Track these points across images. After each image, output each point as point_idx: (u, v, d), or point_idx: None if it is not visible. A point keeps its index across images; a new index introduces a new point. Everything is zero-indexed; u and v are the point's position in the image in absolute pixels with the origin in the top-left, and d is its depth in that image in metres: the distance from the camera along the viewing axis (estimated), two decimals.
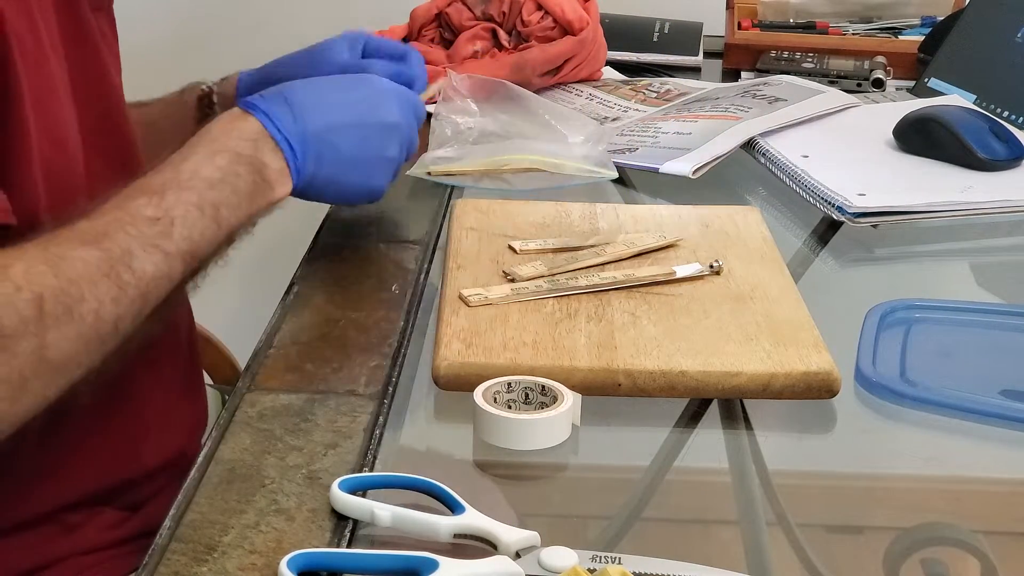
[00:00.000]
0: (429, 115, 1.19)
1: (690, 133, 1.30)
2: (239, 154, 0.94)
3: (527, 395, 0.84)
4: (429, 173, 1.21)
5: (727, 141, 1.27)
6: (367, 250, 1.09)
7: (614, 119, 1.40)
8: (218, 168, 0.92)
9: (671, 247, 1.04)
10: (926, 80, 1.49)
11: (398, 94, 1.04)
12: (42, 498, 0.98)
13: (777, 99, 1.38)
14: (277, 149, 0.96)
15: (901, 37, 1.65)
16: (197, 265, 0.91)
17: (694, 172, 1.22)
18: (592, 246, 1.03)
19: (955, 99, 1.41)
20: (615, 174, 1.23)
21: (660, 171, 1.23)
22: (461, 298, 0.94)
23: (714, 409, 0.90)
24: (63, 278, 0.82)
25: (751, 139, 1.29)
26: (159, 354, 1.04)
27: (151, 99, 1.22)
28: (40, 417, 0.84)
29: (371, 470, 0.79)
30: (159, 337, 1.00)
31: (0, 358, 0.78)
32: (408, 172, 1.21)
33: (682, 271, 0.99)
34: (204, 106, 1.18)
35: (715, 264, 1.01)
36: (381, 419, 0.84)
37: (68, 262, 0.83)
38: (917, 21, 1.68)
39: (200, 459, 0.79)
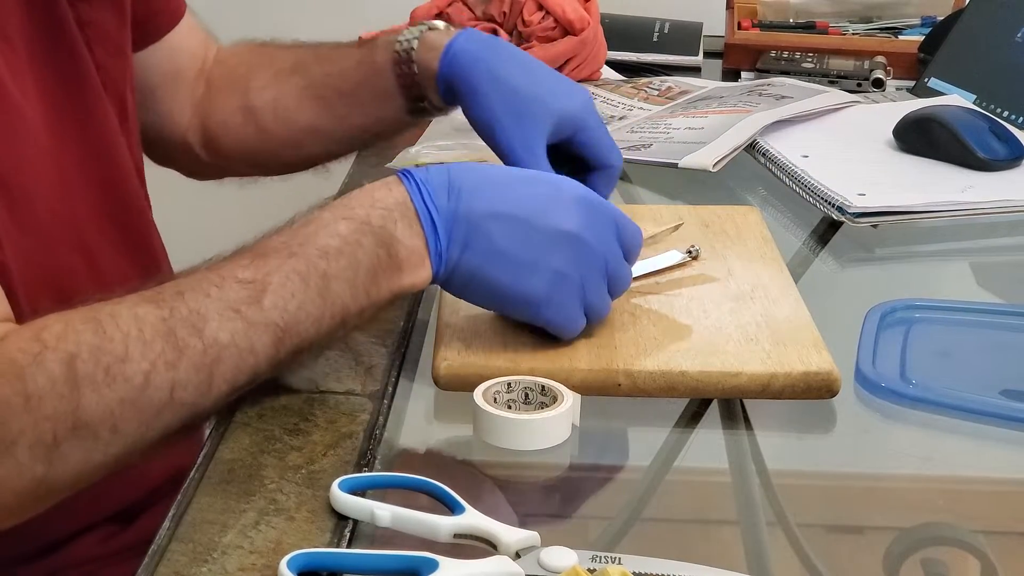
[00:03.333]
0: None
1: (703, 128, 1.30)
2: (367, 223, 0.80)
3: (527, 395, 0.84)
4: (417, 165, 1.21)
5: (743, 131, 1.27)
6: None
7: (620, 118, 1.40)
8: (338, 235, 0.79)
9: (660, 242, 1.05)
10: (926, 80, 1.49)
11: (588, 204, 0.86)
12: (37, 535, 0.97)
13: (783, 96, 1.38)
14: (416, 224, 0.81)
15: (901, 37, 1.65)
16: (293, 343, 0.78)
17: (714, 165, 1.22)
18: None
19: (955, 99, 1.41)
20: None
21: (680, 166, 1.23)
22: None
23: (714, 409, 0.90)
24: (104, 336, 0.74)
25: (751, 139, 1.29)
26: None
27: (324, 48, 1.12)
28: None
29: (371, 470, 0.79)
30: None
31: (27, 420, 0.72)
32: (389, 165, 1.21)
33: (661, 261, 0.99)
34: (402, 74, 1.05)
35: (692, 249, 1.01)
36: (381, 419, 0.84)
37: (117, 320, 0.75)
38: (917, 21, 1.68)
39: (200, 459, 0.79)
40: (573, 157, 1.01)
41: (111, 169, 0.97)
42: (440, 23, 1.09)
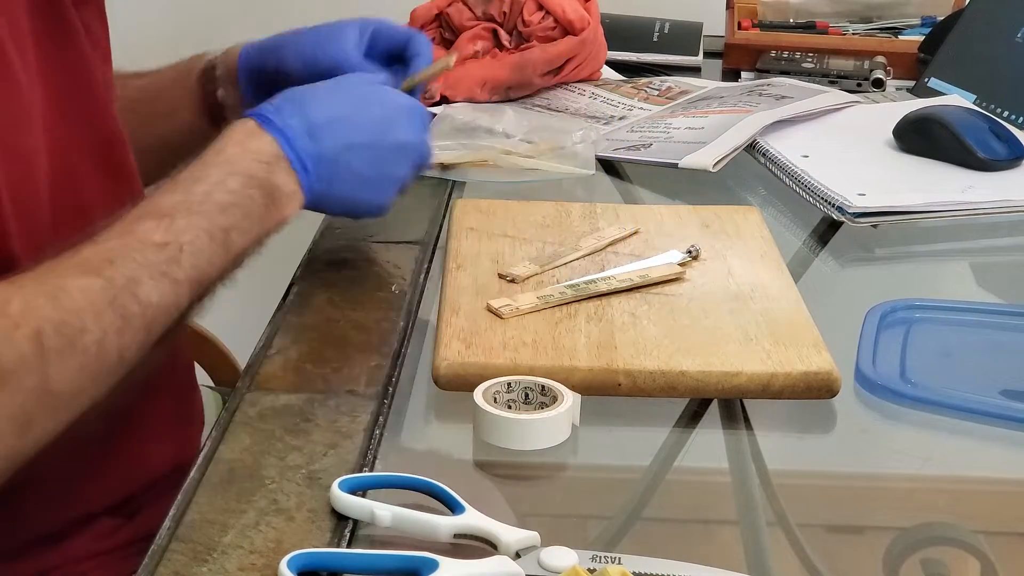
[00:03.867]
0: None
1: (703, 128, 1.30)
2: (252, 176, 0.92)
3: (527, 395, 0.84)
4: None
5: (743, 131, 1.27)
6: (367, 250, 1.09)
7: (620, 117, 1.40)
8: (230, 192, 0.90)
9: (634, 236, 1.05)
10: (926, 80, 1.49)
11: (411, 111, 1.03)
12: (34, 523, 0.97)
13: (783, 96, 1.38)
14: (291, 170, 0.94)
15: (901, 37, 1.65)
16: (204, 291, 0.89)
17: (714, 165, 1.22)
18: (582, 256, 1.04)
19: (955, 99, 1.41)
20: (591, 171, 1.26)
21: (680, 166, 1.23)
22: (491, 310, 0.93)
23: (714, 409, 0.90)
24: (63, 310, 0.80)
25: (751, 139, 1.29)
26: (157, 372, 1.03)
27: (163, 67, 1.20)
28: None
29: (371, 470, 0.79)
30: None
31: (2, 396, 0.77)
32: None
33: (660, 260, 1.00)
34: (207, 80, 1.15)
35: (692, 249, 1.01)
36: (381, 419, 0.84)
37: (69, 293, 0.81)
38: (917, 21, 1.68)
39: (200, 459, 0.79)
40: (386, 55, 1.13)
41: (113, 166, 0.99)
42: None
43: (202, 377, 1.45)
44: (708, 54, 1.65)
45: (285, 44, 1.13)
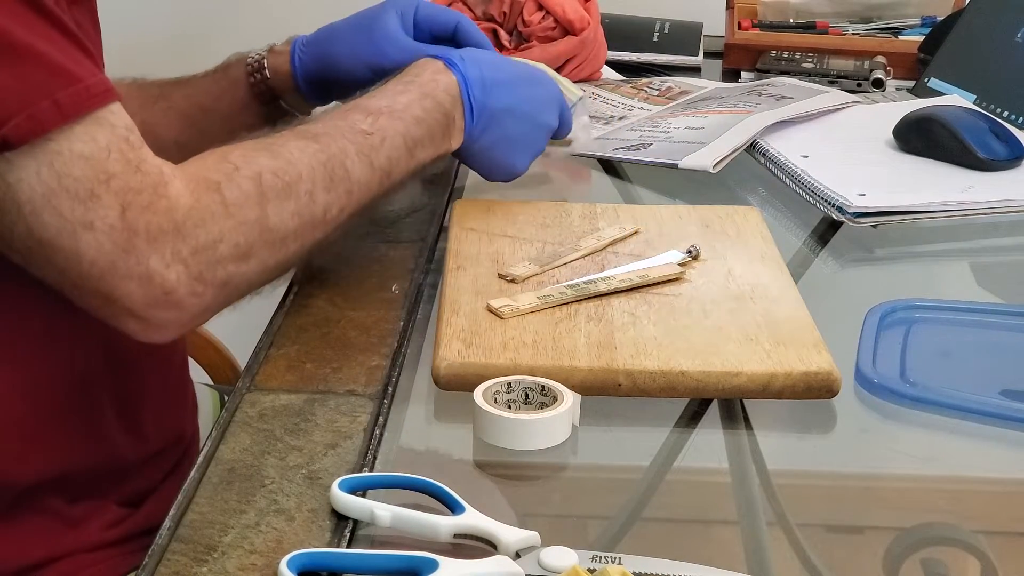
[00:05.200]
0: None
1: (703, 128, 1.30)
2: (441, 104, 1.05)
3: (527, 395, 0.84)
4: None
5: (743, 132, 1.27)
6: (367, 250, 1.09)
7: (620, 117, 1.40)
8: (424, 109, 1.03)
9: (634, 236, 1.05)
10: (926, 80, 1.49)
11: (559, 101, 1.17)
12: (41, 470, 0.98)
13: (783, 96, 1.38)
14: (462, 110, 1.07)
15: (901, 37, 1.65)
16: (388, 186, 1.00)
17: (714, 166, 1.22)
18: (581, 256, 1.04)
19: (955, 99, 1.41)
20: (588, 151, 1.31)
21: (680, 166, 1.23)
22: (491, 310, 0.93)
23: (714, 409, 0.90)
24: (281, 159, 0.91)
25: (751, 139, 1.29)
26: None
27: (187, 76, 1.22)
28: (43, 384, 0.92)
29: (371, 470, 0.79)
30: None
31: (228, 224, 0.87)
32: None
33: (660, 260, 1.00)
34: (256, 82, 1.20)
35: (692, 249, 1.01)
36: (381, 419, 0.84)
37: (287, 147, 0.93)
38: (917, 21, 1.68)
39: (200, 459, 0.79)
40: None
41: None
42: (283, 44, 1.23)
43: (202, 376, 1.45)
44: (708, 54, 1.65)
45: (333, 44, 1.19)
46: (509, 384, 0.84)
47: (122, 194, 0.84)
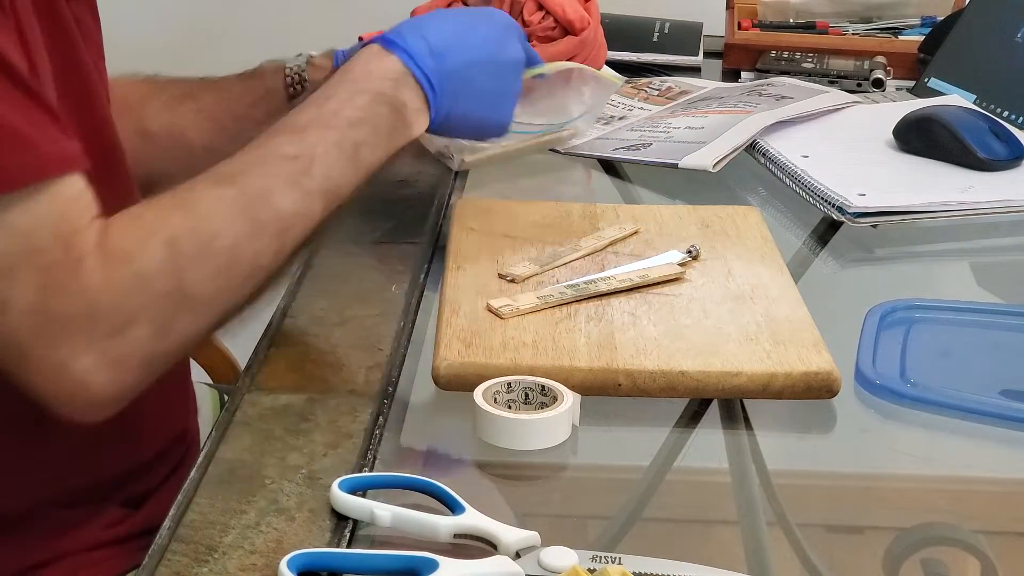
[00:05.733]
0: None
1: (702, 127, 1.30)
2: (381, 93, 0.95)
3: (527, 395, 0.84)
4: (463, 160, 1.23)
5: (743, 132, 1.27)
6: (367, 250, 1.09)
7: (620, 118, 1.40)
8: (359, 108, 0.93)
9: (634, 236, 1.05)
10: (926, 80, 1.49)
11: (516, 28, 1.06)
12: (38, 490, 0.98)
13: (783, 96, 1.38)
14: (417, 87, 0.96)
15: (901, 37, 1.65)
16: (336, 203, 0.92)
17: (714, 165, 1.22)
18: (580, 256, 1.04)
19: (955, 99, 1.41)
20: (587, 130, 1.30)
21: (679, 166, 1.23)
22: (492, 310, 0.93)
23: (714, 409, 0.90)
24: (196, 216, 0.84)
25: (751, 139, 1.29)
26: None
27: (214, 78, 1.19)
28: (32, 407, 0.83)
29: (371, 470, 0.79)
30: None
31: (142, 301, 0.81)
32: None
33: (660, 260, 1.00)
34: (295, 94, 1.15)
35: (692, 249, 1.01)
36: (381, 419, 0.84)
37: (201, 201, 0.85)
38: (917, 21, 1.68)
39: (200, 459, 0.79)
40: None
41: (108, 156, 0.99)
42: (322, 54, 1.19)
43: (202, 376, 1.45)
44: (708, 54, 1.65)
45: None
46: (509, 384, 0.84)
47: (43, 272, 0.79)
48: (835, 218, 1.16)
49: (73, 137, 0.83)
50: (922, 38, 1.59)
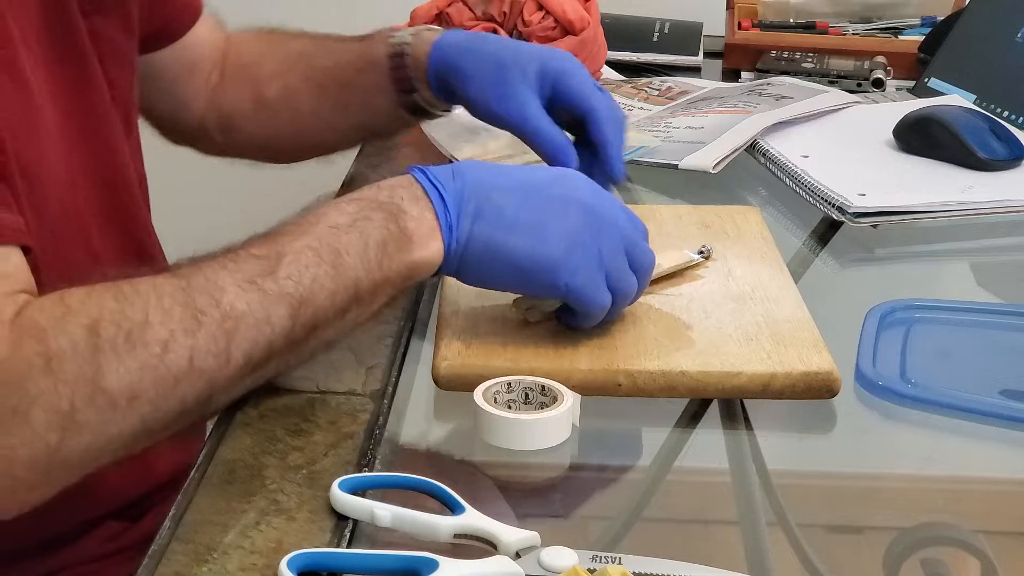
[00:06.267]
0: None
1: (702, 127, 1.30)
2: (374, 200, 0.82)
3: (527, 395, 0.84)
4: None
5: (743, 132, 1.27)
6: None
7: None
8: (346, 213, 0.80)
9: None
10: (926, 80, 1.49)
11: (594, 186, 0.88)
12: (41, 525, 0.97)
13: (783, 96, 1.38)
14: (424, 199, 0.82)
15: (901, 37, 1.65)
16: (308, 316, 0.78)
17: (714, 166, 1.22)
18: None
19: (955, 99, 1.41)
20: None
21: (680, 167, 1.23)
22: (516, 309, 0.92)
23: (714, 409, 0.90)
24: (126, 302, 0.74)
25: (751, 140, 1.29)
26: None
27: (326, 37, 1.17)
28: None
29: (371, 470, 0.79)
30: None
31: (46, 383, 0.71)
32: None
33: (669, 259, 1.00)
34: (398, 76, 1.09)
35: (704, 249, 1.01)
36: (381, 419, 0.84)
37: (136, 289, 0.75)
38: (917, 21, 1.68)
39: (200, 459, 0.79)
40: (573, 122, 1.04)
41: (114, 174, 0.99)
42: (434, 27, 1.15)
43: None
44: (708, 54, 1.65)
45: (468, 70, 1.05)
46: (509, 384, 0.84)
47: None
48: (835, 218, 1.16)
49: (15, 212, 0.79)
50: (922, 38, 1.59)
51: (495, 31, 1.44)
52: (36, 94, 0.89)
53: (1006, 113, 1.38)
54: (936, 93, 1.46)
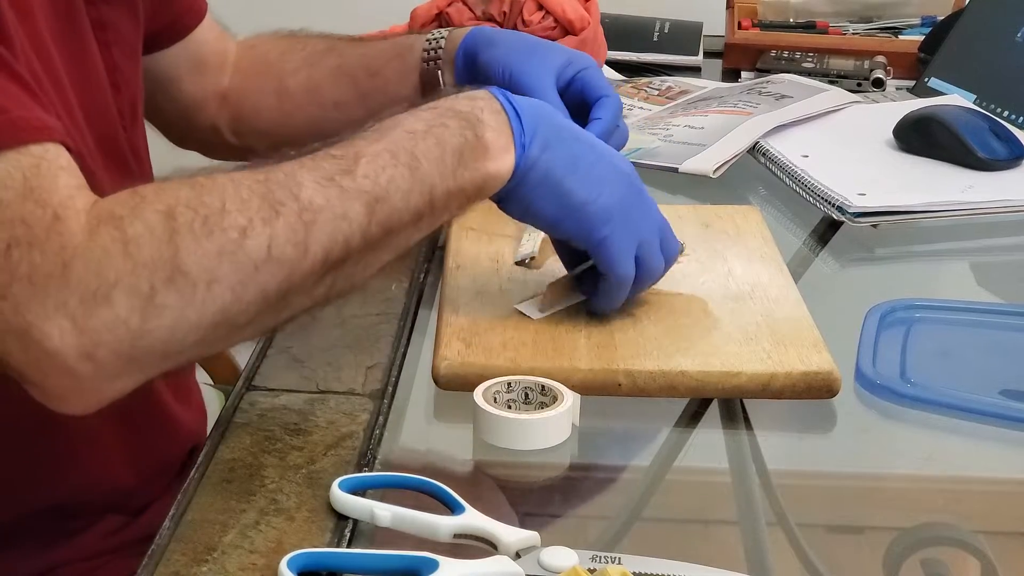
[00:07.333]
0: None
1: (702, 128, 1.30)
2: (452, 108, 0.83)
3: (527, 395, 0.84)
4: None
5: (743, 136, 1.27)
6: None
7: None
8: (422, 120, 0.82)
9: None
10: (926, 80, 1.49)
11: (637, 176, 0.93)
12: (33, 502, 0.98)
13: (783, 96, 1.38)
14: (502, 114, 0.84)
15: (901, 37, 1.65)
16: (384, 215, 0.79)
17: (715, 171, 1.21)
18: None
19: (955, 99, 1.41)
20: None
21: (680, 170, 1.23)
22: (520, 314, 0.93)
23: (714, 409, 0.90)
24: (203, 191, 0.75)
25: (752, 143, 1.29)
26: None
27: (365, 37, 1.18)
28: (31, 418, 0.79)
29: (371, 470, 0.79)
30: None
31: (124, 266, 0.72)
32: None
33: None
34: (430, 60, 1.09)
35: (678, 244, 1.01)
36: (381, 419, 0.84)
37: (215, 180, 0.76)
38: (917, 21, 1.68)
39: (200, 459, 0.79)
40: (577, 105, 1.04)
41: (116, 162, 0.98)
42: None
43: (202, 376, 1.45)
44: (708, 54, 1.65)
45: (495, 52, 1.05)
46: (509, 384, 0.84)
47: (10, 226, 0.72)
48: (835, 218, 1.16)
49: (53, 115, 0.79)
50: (922, 38, 1.59)
51: None
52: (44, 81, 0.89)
53: (1006, 113, 1.38)
54: (936, 93, 1.46)
